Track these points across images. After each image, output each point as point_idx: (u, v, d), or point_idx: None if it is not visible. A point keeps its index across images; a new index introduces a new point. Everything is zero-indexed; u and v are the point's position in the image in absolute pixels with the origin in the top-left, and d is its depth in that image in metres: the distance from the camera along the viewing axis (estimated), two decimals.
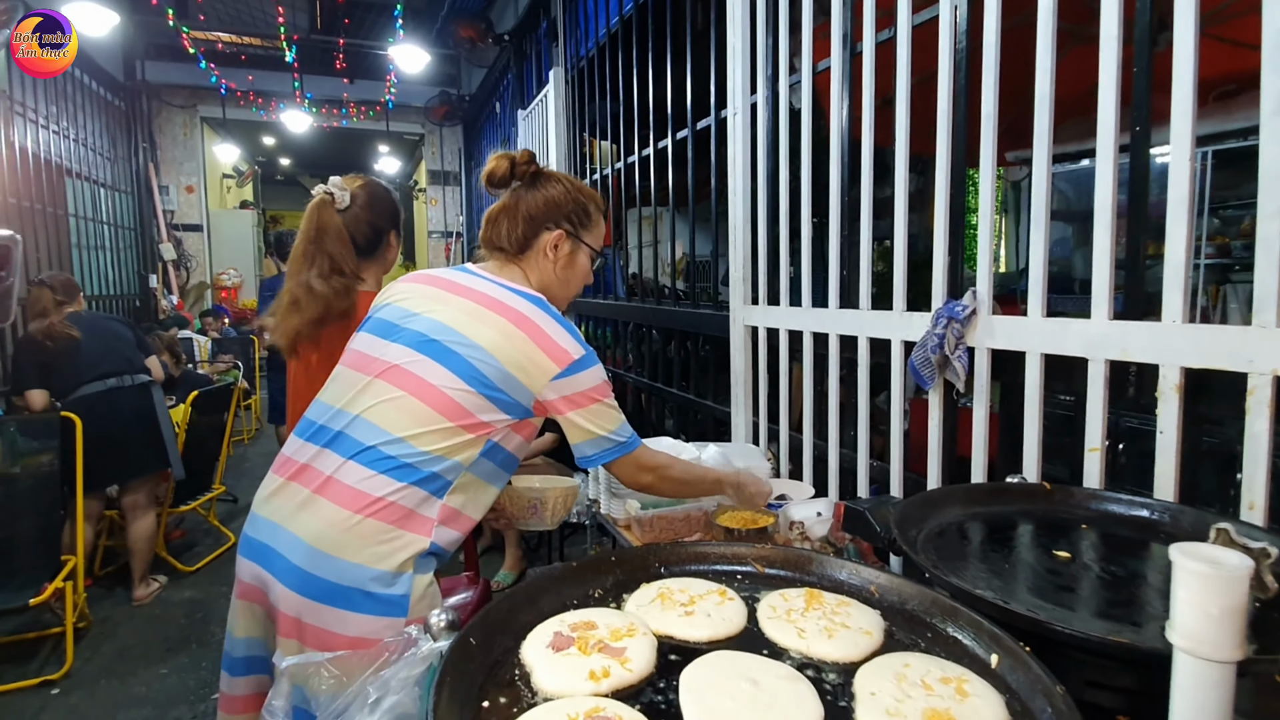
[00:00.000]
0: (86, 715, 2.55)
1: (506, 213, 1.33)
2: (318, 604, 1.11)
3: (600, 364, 1.27)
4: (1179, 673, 0.50)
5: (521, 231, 1.31)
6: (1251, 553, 0.59)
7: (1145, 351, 1.18)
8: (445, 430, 1.14)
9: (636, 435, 1.29)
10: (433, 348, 1.18)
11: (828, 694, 0.69)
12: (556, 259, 1.34)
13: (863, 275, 1.83)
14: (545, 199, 1.32)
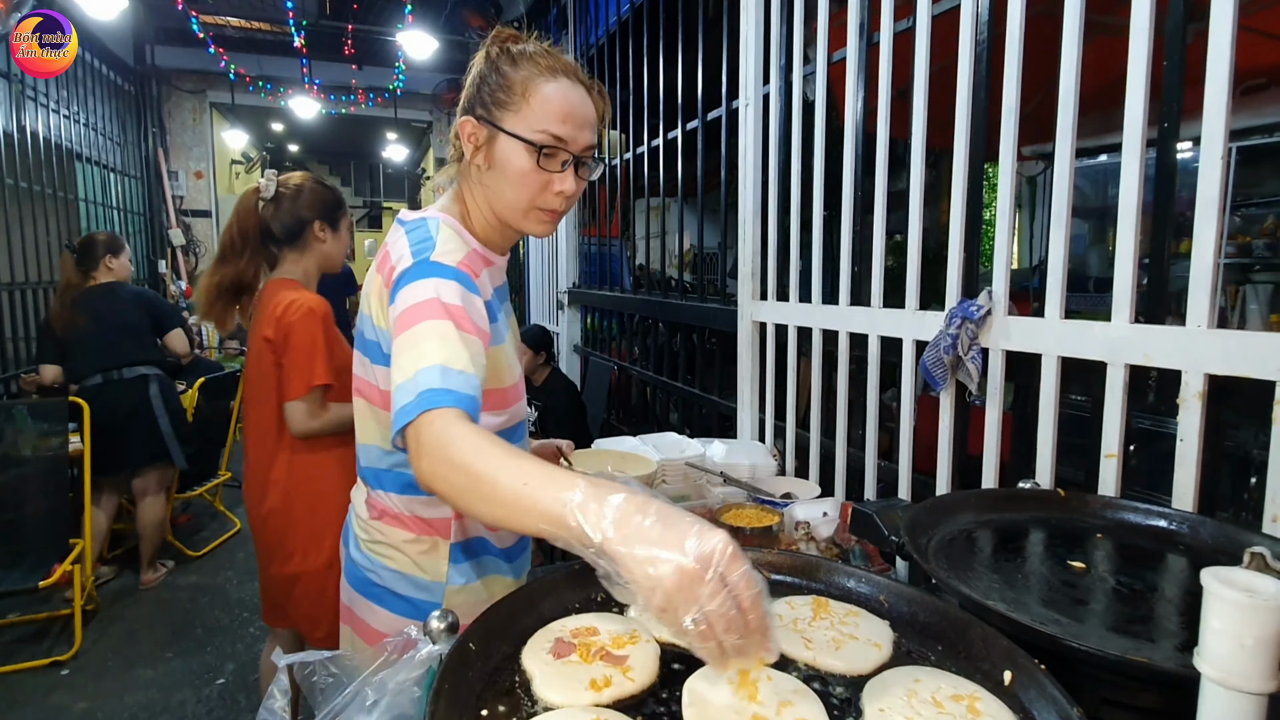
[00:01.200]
0: (94, 697, 2.57)
1: (451, 132, 1.08)
2: (356, 594, 1.15)
3: (453, 277, 0.90)
4: (1207, 703, 0.48)
5: (454, 132, 1.04)
6: None
7: (1168, 357, 1.14)
8: (383, 419, 1.06)
9: (454, 393, 0.79)
10: (357, 336, 1.14)
11: (835, 709, 0.67)
12: (473, 159, 1.02)
13: (875, 271, 1.80)
14: (471, 81, 1.03)
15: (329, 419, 1.77)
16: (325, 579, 1.67)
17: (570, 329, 5.10)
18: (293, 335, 1.74)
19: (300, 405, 1.74)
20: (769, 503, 1.80)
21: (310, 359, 1.73)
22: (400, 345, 0.84)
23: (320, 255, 1.93)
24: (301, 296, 1.80)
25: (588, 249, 4.95)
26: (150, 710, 2.50)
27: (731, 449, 2.06)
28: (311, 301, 1.79)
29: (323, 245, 1.92)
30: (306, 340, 1.73)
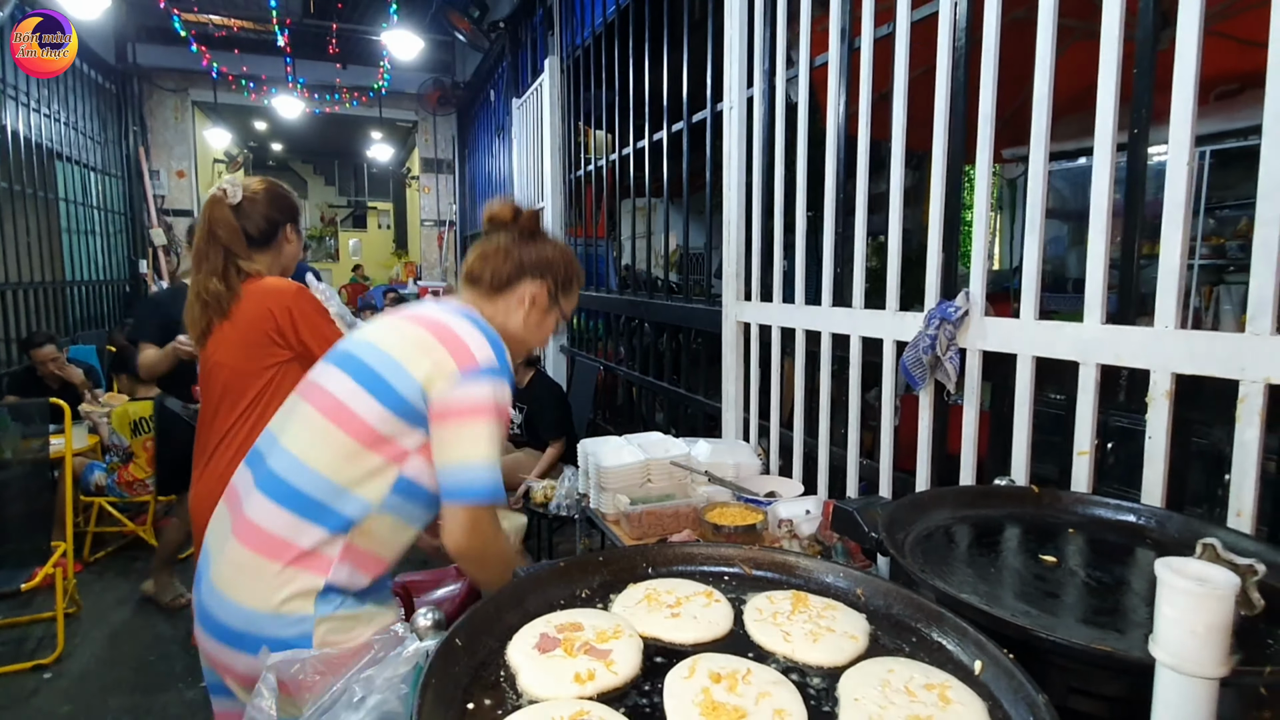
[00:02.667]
0: (77, 700, 2.55)
1: (501, 253, 1.31)
2: (219, 643, 1.12)
3: (509, 390, 1.15)
4: (1161, 687, 0.50)
5: (508, 273, 1.29)
6: (1238, 569, 0.59)
7: (1137, 356, 1.18)
8: (350, 453, 1.09)
9: (501, 489, 1.10)
10: (348, 361, 1.16)
11: (812, 699, 0.69)
12: (530, 310, 1.30)
13: (856, 273, 1.83)
14: (540, 253, 1.33)
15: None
16: None
17: None
18: (300, 305, 1.76)
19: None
20: (753, 501, 1.82)
21: (322, 322, 1.77)
22: (460, 430, 1.08)
23: (285, 257, 1.94)
24: (281, 278, 1.82)
25: (574, 249, 4.96)
26: (134, 713, 2.48)
27: (716, 448, 2.08)
28: (291, 280, 1.82)
29: (289, 246, 1.94)
30: (313, 306, 1.76)
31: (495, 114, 7.31)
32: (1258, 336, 1.02)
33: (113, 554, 3.84)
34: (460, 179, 9.91)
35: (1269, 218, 1.02)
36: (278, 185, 1.96)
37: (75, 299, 6.61)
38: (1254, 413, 1.02)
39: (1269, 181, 1.03)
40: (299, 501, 1.08)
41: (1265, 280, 1.02)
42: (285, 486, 1.10)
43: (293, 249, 1.96)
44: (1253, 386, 1.03)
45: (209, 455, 1.81)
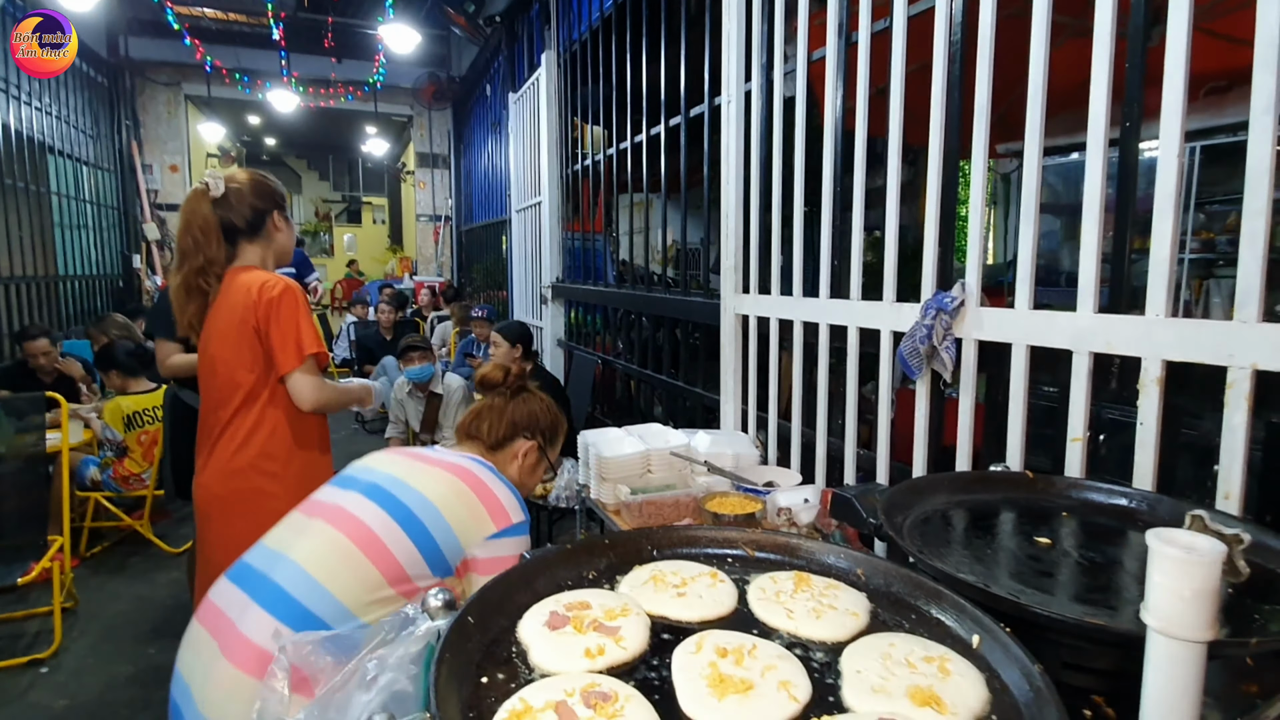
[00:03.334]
0: (74, 694, 2.56)
1: (494, 412, 1.50)
2: None
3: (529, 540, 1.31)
4: (1152, 652, 0.52)
5: (503, 433, 1.48)
6: (1225, 538, 0.61)
7: (1128, 344, 1.20)
8: (372, 585, 1.12)
9: None
10: (378, 493, 1.22)
11: (815, 672, 0.71)
12: (523, 463, 1.50)
13: (854, 265, 1.85)
14: (529, 412, 1.52)
15: (334, 389, 1.84)
16: None
17: (554, 323, 5.12)
18: (278, 309, 1.74)
19: (303, 376, 1.76)
20: (752, 490, 1.85)
21: (298, 328, 1.75)
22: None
23: (277, 245, 1.95)
24: (274, 276, 1.81)
25: (571, 244, 4.97)
26: (131, 707, 2.49)
27: (715, 439, 2.10)
28: (285, 280, 1.80)
29: (280, 235, 1.94)
30: (291, 311, 1.75)
31: (491, 108, 7.30)
32: (1244, 324, 1.05)
33: (109, 549, 3.85)
34: (456, 174, 9.90)
35: (1255, 209, 1.05)
36: (260, 174, 1.97)
37: (68, 294, 6.58)
38: (1241, 397, 1.05)
39: (1255, 174, 1.05)
40: (308, 622, 1.06)
41: (1252, 269, 1.05)
42: (295, 606, 1.08)
43: (284, 237, 1.97)
44: (1240, 372, 1.05)
45: (212, 446, 1.82)
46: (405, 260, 11.29)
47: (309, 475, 1.77)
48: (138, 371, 3.87)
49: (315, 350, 1.77)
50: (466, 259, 9.58)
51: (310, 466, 1.85)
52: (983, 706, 0.64)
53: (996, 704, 0.65)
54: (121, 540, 3.90)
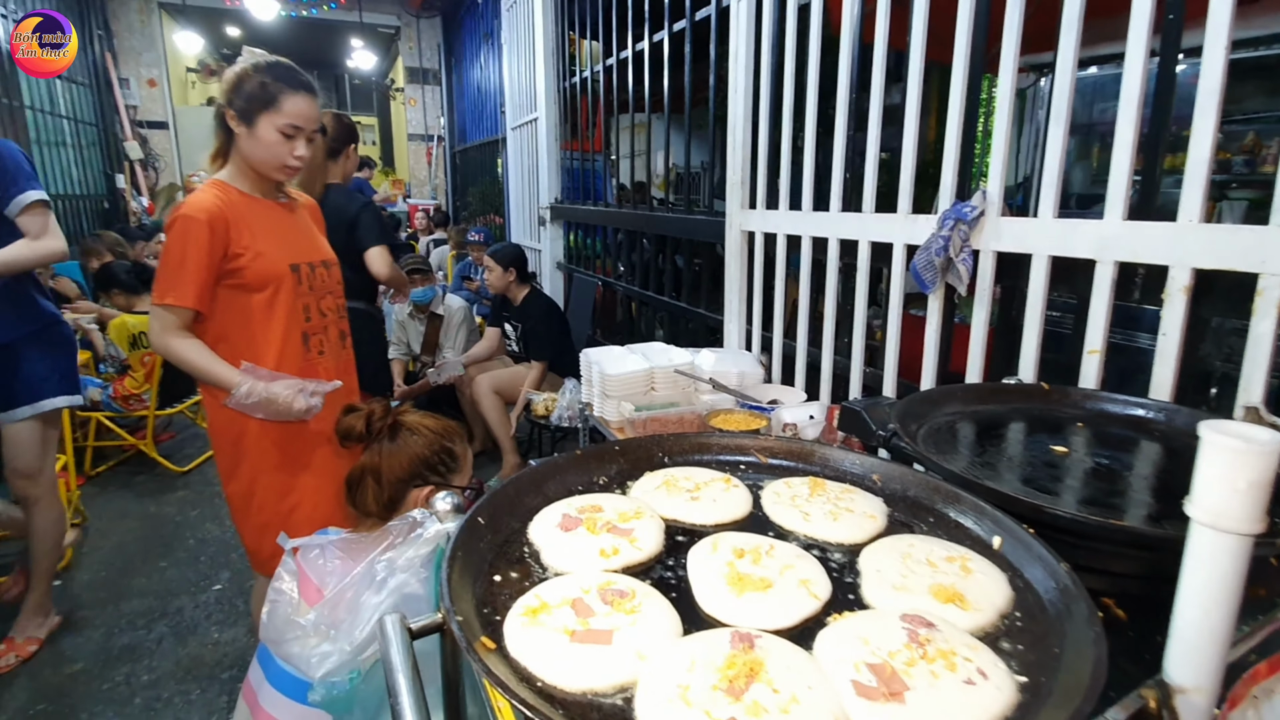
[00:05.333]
0: (89, 605, 2.62)
1: (371, 476, 1.31)
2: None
3: None
4: (1196, 548, 0.51)
5: (389, 495, 1.30)
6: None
7: (1156, 253, 1.16)
8: None
9: None
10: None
11: (834, 571, 0.70)
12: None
13: (868, 175, 1.78)
14: (410, 458, 1.32)
15: (172, 350, 1.59)
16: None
17: (553, 246, 5.02)
18: (164, 242, 1.60)
19: (153, 314, 1.59)
20: (756, 408, 1.83)
21: (165, 270, 1.57)
22: None
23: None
24: (187, 200, 1.61)
25: (569, 164, 4.81)
26: (148, 616, 2.56)
27: (720, 357, 2.07)
28: (187, 208, 1.58)
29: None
30: (168, 250, 1.57)
31: (483, 18, 6.93)
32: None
33: (115, 468, 3.88)
34: (448, 90, 9.50)
35: None
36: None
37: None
38: (1271, 305, 1.02)
39: None
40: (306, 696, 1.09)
41: None
42: (293, 680, 1.09)
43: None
44: (1272, 280, 1.01)
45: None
46: (398, 182, 10.98)
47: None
48: (139, 289, 3.80)
49: (169, 303, 1.56)
50: (461, 182, 9.31)
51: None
52: (1007, 603, 0.63)
53: (1020, 601, 0.64)
54: (126, 460, 3.93)
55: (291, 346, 1.71)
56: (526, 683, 0.53)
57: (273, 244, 1.68)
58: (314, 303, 1.77)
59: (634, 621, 0.59)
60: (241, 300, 1.65)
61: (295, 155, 1.66)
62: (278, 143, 1.63)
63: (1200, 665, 0.54)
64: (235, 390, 1.56)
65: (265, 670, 1.21)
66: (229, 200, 1.63)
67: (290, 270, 1.70)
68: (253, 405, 1.58)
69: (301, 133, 1.66)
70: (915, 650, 0.55)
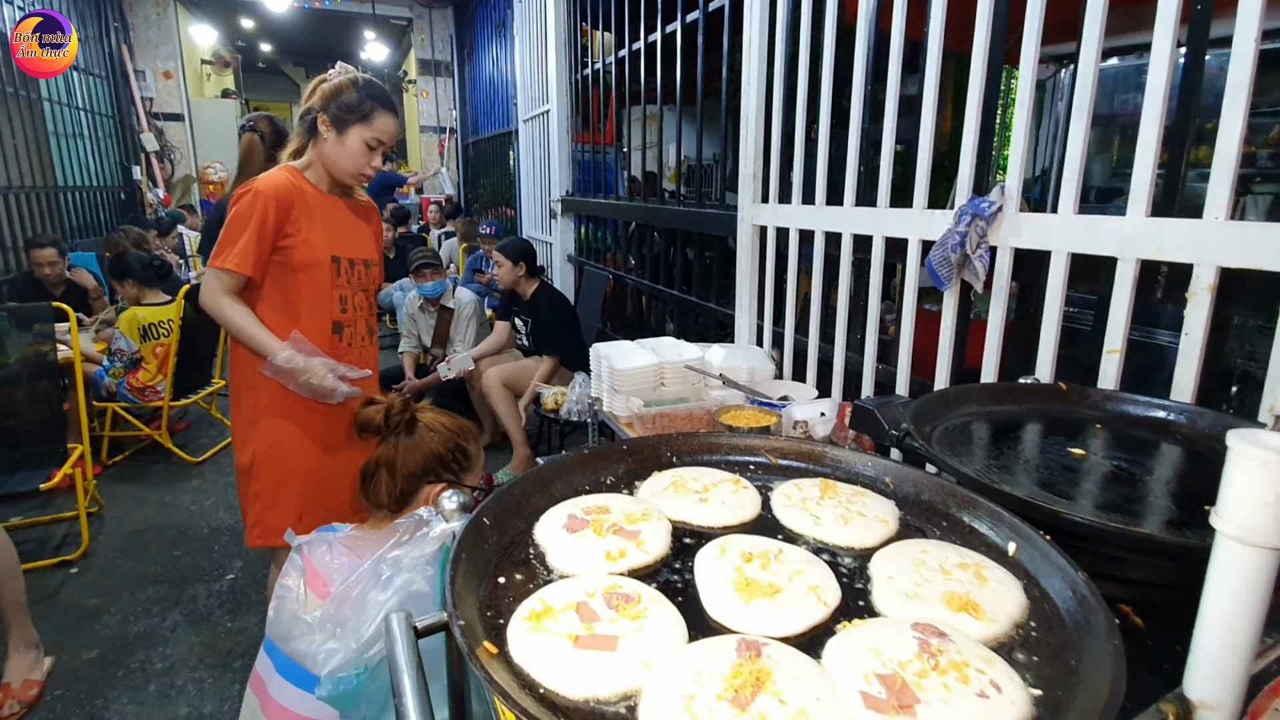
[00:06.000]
0: (104, 592, 2.65)
1: (386, 469, 1.32)
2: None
3: None
4: (1221, 561, 0.49)
5: (402, 488, 1.32)
6: None
7: (1181, 250, 1.12)
8: None
9: None
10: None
11: (844, 577, 0.69)
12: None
13: (883, 169, 1.75)
14: (425, 455, 1.34)
15: (223, 311, 1.71)
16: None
17: (564, 239, 5.01)
18: (230, 211, 1.72)
19: (208, 274, 1.72)
20: (767, 404, 1.82)
21: (228, 236, 1.68)
22: None
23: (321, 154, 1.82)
24: (261, 177, 1.73)
25: (580, 156, 4.79)
26: (163, 604, 2.59)
27: (730, 353, 2.06)
28: (261, 183, 1.70)
29: (324, 144, 1.80)
30: (236, 217, 1.69)
31: (496, 9, 6.91)
32: None
33: (131, 458, 3.92)
34: (460, 82, 9.49)
35: None
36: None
37: (70, 205, 6.48)
38: None
39: None
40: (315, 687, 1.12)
41: None
42: (302, 672, 1.11)
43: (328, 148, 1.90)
44: None
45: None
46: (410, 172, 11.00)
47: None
48: (153, 282, 3.83)
49: (226, 267, 1.69)
50: (473, 174, 9.31)
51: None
52: (1022, 613, 0.62)
53: (1036, 611, 0.63)
54: (142, 450, 3.97)
55: (322, 331, 1.82)
56: (529, 689, 0.52)
57: (322, 234, 1.79)
58: (350, 295, 1.88)
59: (639, 628, 0.58)
60: (286, 277, 1.77)
61: (372, 165, 1.82)
62: (362, 153, 1.78)
63: (1222, 682, 0.52)
64: (277, 355, 1.67)
65: (274, 661, 1.22)
66: (297, 186, 1.76)
67: (330, 260, 1.81)
68: (289, 372, 1.69)
69: (383, 147, 1.81)
70: (927, 661, 0.54)
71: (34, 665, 2.17)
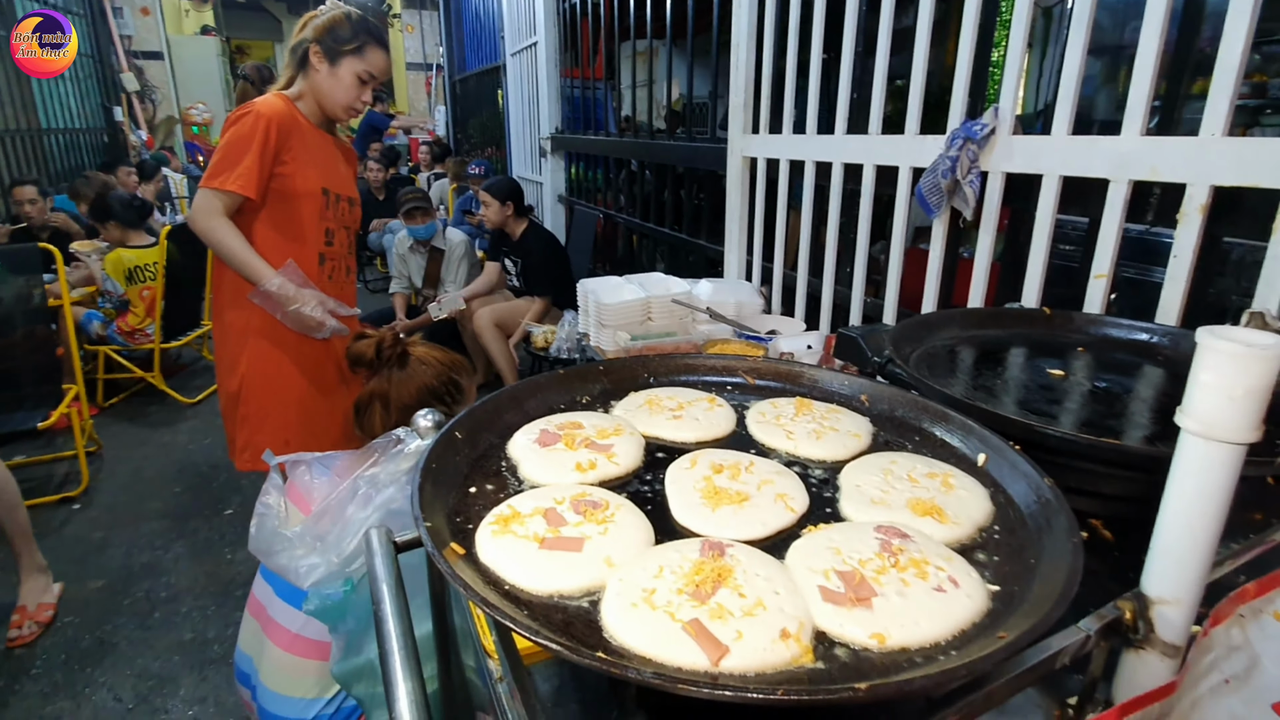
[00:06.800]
0: (108, 526, 2.71)
1: (379, 402, 1.32)
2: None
3: None
4: (1185, 459, 0.49)
5: (395, 420, 1.32)
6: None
7: (1176, 169, 1.10)
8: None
9: None
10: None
11: (813, 486, 0.69)
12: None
13: (875, 96, 1.69)
14: (419, 388, 1.34)
15: (217, 233, 1.66)
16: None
17: (554, 179, 4.91)
18: (226, 133, 1.70)
19: (201, 195, 1.68)
20: (754, 338, 1.81)
21: (227, 156, 1.67)
22: None
23: (313, 87, 1.81)
24: (258, 100, 1.72)
25: (570, 92, 4.65)
26: (165, 537, 2.64)
27: (718, 287, 2.04)
28: (261, 105, 1.69)
29: (316, 76, 1.79)
30: (236, 138, 1.67)
31: None
32: None
33: (127, 400, 3.94)
34: (446, 15, 9.14)
35: None
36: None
37: (54, 149, 6.33)
38: None
39: None
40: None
41: None
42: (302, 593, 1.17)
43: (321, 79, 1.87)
44: None
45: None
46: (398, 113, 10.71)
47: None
48: (136, 223, 3.77)
49: (225, 188, 1.66)
50: (461, 114, 9.06)
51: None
52: (986, 518, 0.62)
53: (1000, 516, 0.63)
54: (138, 392, 3.99)
55: (309, 260, 1.82)
56: (494, 586, 0.53)
57: (314, 166, 1.79)
58: (335, 229, 1.88)
59: (605, 531, 0.59)
60: (279, 205, 1.76)
61: (362, 100, 1.81)
62: (354, 86, 1.77)
63: (1180, 579, 0.53)
64: (268, 281, 1.67)
65: (272, 584, 1.25)
66: (291, 114, 1.75)
67: (321, 193, 1.81)
68: (279, 299, 1.68)
69: (374, 82, 1.80)
70: (887, 559, 0.54)
71: (45, 589, 2.26)
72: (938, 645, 0.47)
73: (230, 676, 1.95)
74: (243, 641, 1.32)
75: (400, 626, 0.59)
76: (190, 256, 3.80)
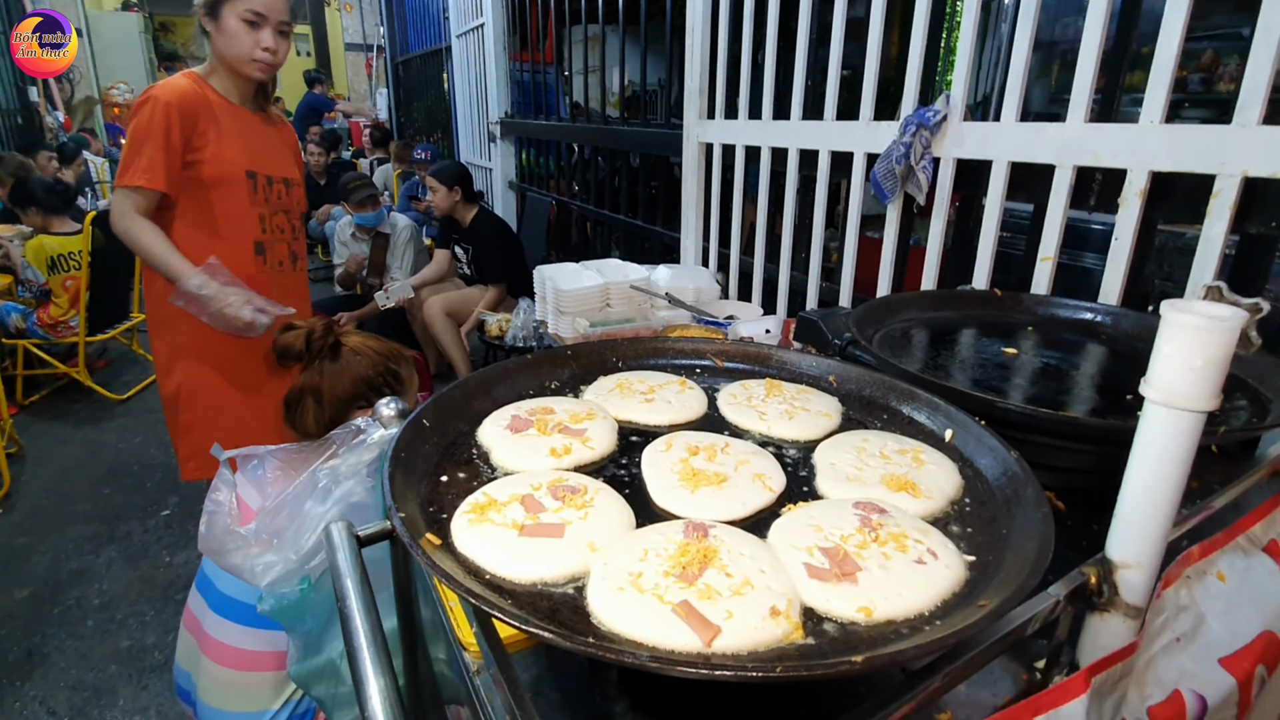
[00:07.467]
0: (33, 532, 2.55)
1: (309, 394, 1.25)
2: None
3: None
4: (1148, 428, 0.51)
5: (330, 416, 1.25)
6: (1243, 307, 0.58)
7: (1116, 155, 1.15)
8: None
9: None
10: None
11: (789, 466, 0.69)
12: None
13: (830, 82, 1.71)
14: (353, 379, 1.27)
15: (134, 233, 1.58)
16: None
17: (504, 164, 4.82)
18: (128, 125, 1.61)
19: (116, 195, 1.60)
20: (712, 323, 1.82)
21: (131, 151, 1.56)
22: None
23: (216, 54, 1.67)
24: (158, 83, 1.61)
25: (519, 76, 4.56)
26: (96, 541, 2.50)
27: (675, 273, 2.04)
28: (159, 89, 1.58)
29: (215, 42, 1.65)
30: (136, 130, 1.57)
31: None
32: (1243, 128, 0.99)
33: (49, 397, 3.71)
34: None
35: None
36: None
37: None
38: (1225, 207, 1.02)
39: None
40: (253, 618, 1.12)
41: (1263, 66, 0.97)
42: (238, 605, 1.13)
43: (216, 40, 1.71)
44: (1229, 181, 1.02)
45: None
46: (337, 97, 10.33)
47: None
48: (60, 209, 3.53)
49: (133, 184, 1.56)
50: (404, 96, 8.79)
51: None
52: (956, 490, 0.64)
53: (970, 488, 0.65)
54: (61, 389, 3.75)
55: (243, 251, 1.71)
56: (474, 575, 0.51)
57: (235, 147, 1.65)
58: (269, 215, 1.76)
59: (586, 516, 0.58)
60: (199, 195, 1.64)
61: (263, 47, 1.61)
62: (243, 32, 1.59)
63: (1142, 543, 0.55)
64: (187, 281, 1.55)
65: (206, 597, 1.19)
66: (199, 93, 1.61)
67: (246, 176, 1.68)
68: (202, 301, 1.57)
69: (266, 21, 1.60)
70: (868, 534, 0.55)
71: None
72: (921, 616, 0.48)
73: (173, 684, 1.87)
74: (180, 657, 1.26)
75: (369, 623, 0.56)
76: (118, 244, 3.57)
